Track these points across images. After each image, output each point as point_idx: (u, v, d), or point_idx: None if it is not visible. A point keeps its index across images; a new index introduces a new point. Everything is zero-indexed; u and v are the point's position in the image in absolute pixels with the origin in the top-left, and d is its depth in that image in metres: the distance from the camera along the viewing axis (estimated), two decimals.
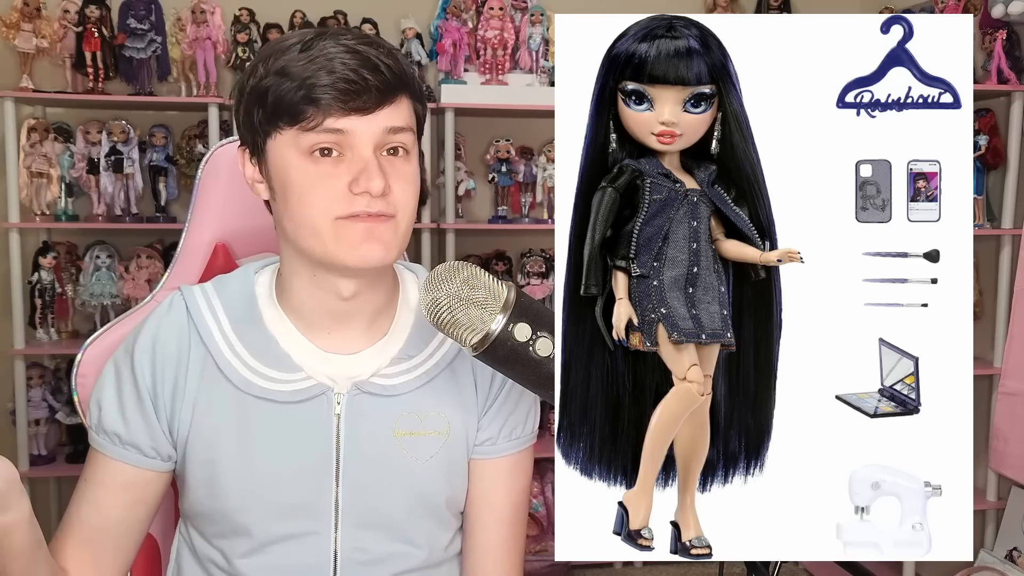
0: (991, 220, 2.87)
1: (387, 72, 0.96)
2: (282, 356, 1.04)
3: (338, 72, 0.93)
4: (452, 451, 1.08)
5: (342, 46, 0.95)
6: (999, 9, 2.67)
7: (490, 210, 3.20)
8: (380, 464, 1.04)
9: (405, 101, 0.99)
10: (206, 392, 1.03)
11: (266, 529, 1.03)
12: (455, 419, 1.08)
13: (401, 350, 1.07)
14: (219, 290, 1.07)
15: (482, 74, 3.03)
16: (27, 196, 2.80)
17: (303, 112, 0.94)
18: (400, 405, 1.05)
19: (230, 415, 1.02)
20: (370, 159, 0.96)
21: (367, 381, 1.04)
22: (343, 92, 0.94)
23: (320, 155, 0.96)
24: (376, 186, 0.94)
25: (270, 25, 3.00)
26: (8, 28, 2.74)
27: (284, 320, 1.05)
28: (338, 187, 0.95)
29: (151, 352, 1.04)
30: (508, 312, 0.87)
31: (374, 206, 0.96)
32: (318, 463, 1.03)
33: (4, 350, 2.85)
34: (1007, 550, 2.71)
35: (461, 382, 1.09)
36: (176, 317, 1.05)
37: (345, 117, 0.95)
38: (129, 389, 1.04)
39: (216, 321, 1.05)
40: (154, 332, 1.05)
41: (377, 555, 1.05)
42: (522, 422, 1.12)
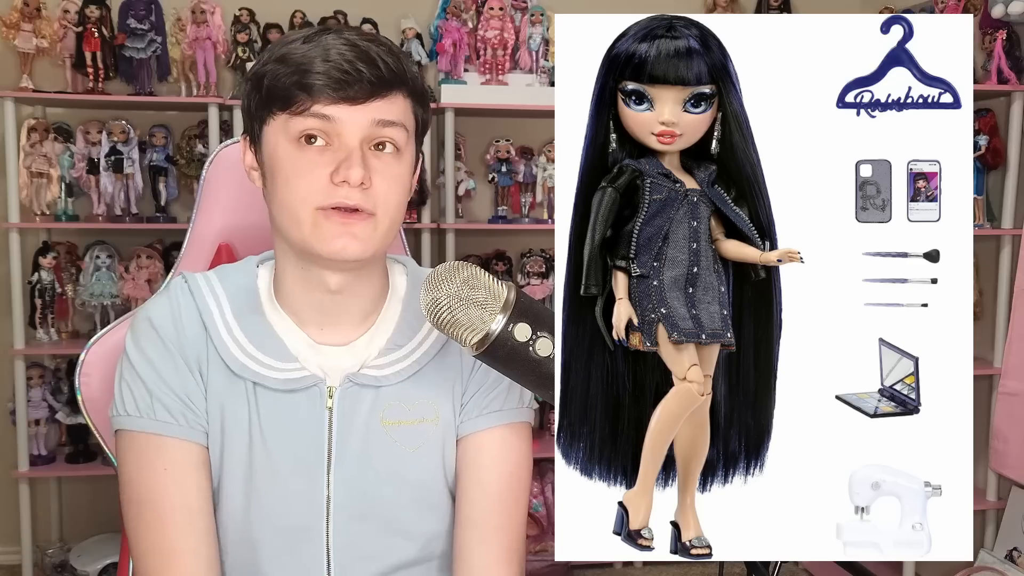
0: (991, 220, 2.87)
1: (383, 67, 0.96)
2: (278, 345, 1.04)
3: (333, 61, 0.95)
4: (443, 439, 1.08)
5: (343, 39, 0.97)
6: (999, 9, 2.67)
7: (490, 210, 3.20)
8: (371, 455, 1.04)
9: (400, 98, 0.99)
10: (213, 374, 1.03)
11: (262, 526, 1.03)
12: (444, 406, 1.08)
13: (389, 340, 1.07)
14: (222, 279, 1.08)
15: (482, 74, 3.03)
16: (27, 196, 2.80)
17: (294, 97, 0.96)
18: (390, 395, 1.05)
19: (234, 400, 1.02)
20: (354, 149, 0.96)
21: (358, 373, 1.04)
22: (335, 80, 0.94)
23: (307, 142, 0.97)
24: (354, 175, 0.94)
25: (270, 25, 3.00)
26: (8, 28, 2.74)
27: (281, 315, 1.06)
28: (321, 176, 0.96)
29: (172, 323, 1.02)
30: (508, 312, 0.87)
31: (352, 198, 0.96)
32: (311, 457, 1.03)
33: (4, 350, 2.85)
34: (1007, 550, 2.71)
35: (448, 370, 1.08)
36: (185, 298, 1.05)
37: (334, 104, 0.95)
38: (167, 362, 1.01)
39: (218, 306, 1.05)
40: (170, 307, 1.04)
41: (371, 549, 1.05)
42: (503, 395, 1.09)
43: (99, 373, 1.18)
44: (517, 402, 1.10)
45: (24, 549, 2.84)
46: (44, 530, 2.97)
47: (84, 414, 1.18)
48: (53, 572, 2.88)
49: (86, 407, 1.18)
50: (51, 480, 2.96)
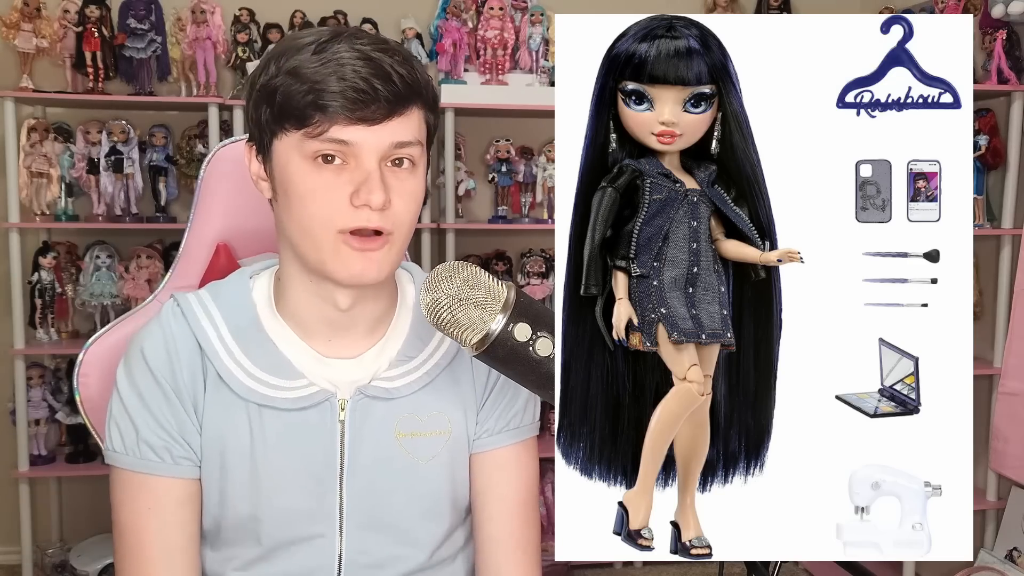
0: (991, 220, 2.87)
1: (399, 82, 0.93)
2: (283, 363, 1.03)
3: (348, 79, 0.92)
4: (454, 450, 1.08)
5: (356, 51, 0.93)
6: (999, 9, 2.67)
7: (490, 210, 3.20)
8: (383, 466, 1.04)
9: (416, 112, 0.97)
10: (211, 401, 1.02)
11: (273, 535, 1.03)
12: (456, 418, 1.08)
13: (400, 351, 1.07)
14: (215, 297, 1.05)
15: (482, 74, 3.03)
16: (27, 196, 2.80)
17: (310, 117, 0.93)
18: (402, 407, 1.05)
19: (234, 423, 1.02)
20: (373, 170, 0.94)
21: (369, 385, 1.04)
22: (351, 101, 0.92)
23: (324, 161, 0.94)
24: (376, 200, 0.93)
25: (270, 25, 2.99)
26: (8, 28, 2.73)
27: (284, 327, 1.04)
28: (340, 198, 0.94)
29: (166, 356, 1.01)
30: (508, 312, 0.87)
31: (373, 220, 0.94)
32: (323, 468, 1.03)
33: (4, 350, 2.85)
34: (1007, 550, 2.71)
35: (460, 380, 1.09)
36: (179, 324, 1.03)
37: (352, 126, 0.93)
38: (158, 397, 1.01)
39: (215, 329, 1.03)
40: (163, 337, 1.02)
41: (380, 558, 1.05)
42: (520, 412, 1.12)
43: (97, 373, 1.18)
44: (532, 418, 1.13)
45: (24, 549, 2.84)
46: (44, 530, 2.97)
47: (82, 414, 1.18)
48: (53, 572, 2.88)
49: (84, 407, 1.18)
50: (51, 480, 2.96)
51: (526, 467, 1.12)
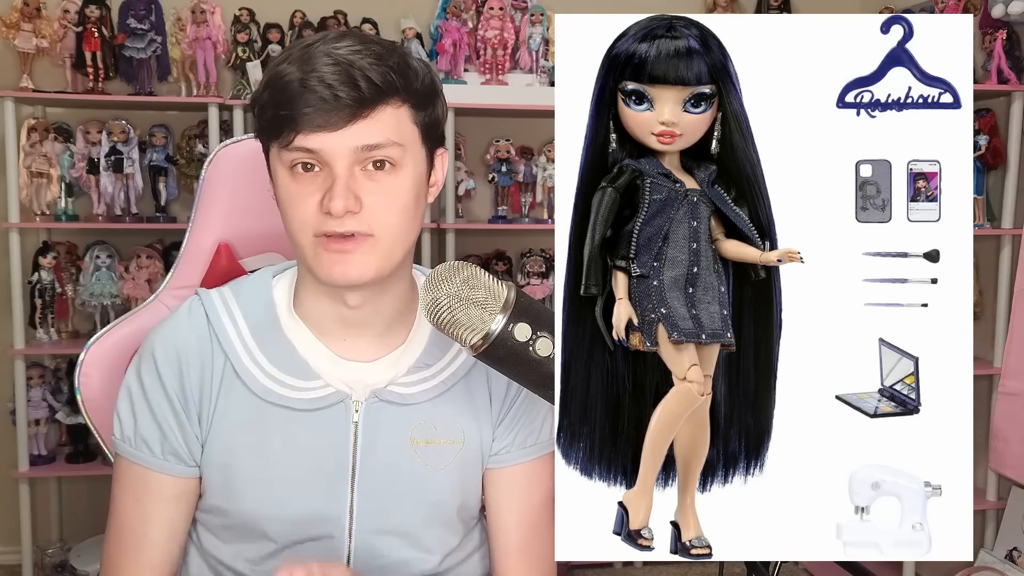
0: (991, 220, 2.87)
1: (364, 86, 0.93)
2: (300, 363, 1.04)
3: (310, 87, 0.93)
4: (466, 460, 1.08)
5: (329, 56, 0.94)
6: (999, 9, 2.67)
7: (490, 210, 3.20)
8: (395, 472, 1.05)
9: (390, 112, 0.96)
10: (225, 397, 1.03)
11: (283, 533, 1.03)
12: (470, 428, 1.08)
13: (419, 359, 1.07)
14: (237, 294, 1.07)
15: (482, 74, 3.03)
16: (27, 196, 2.80)
17: (279, 129, 0.95)
18: (417, 414, 1.05)
19: (248, 420, 1.02)
20: (339, 177, 0.95)
21: (385, 389, 1.04)
22: (314, 108, 0.93)
23: (302, 169, 0.96)
24: (336, 206, 0.93)
25: (270, 25, 2.99)
26: (8, 28, 2.74)
27: (301, 326, 1.05)
28: (312, 205, 0.96)
29: (175, 357, 1.03)
30: (508, 312, 0.87)
31: (344, 224, 0.95)
32: (335, 470, 1.03)
33: (4, 350, 2.85)
34: (1007, 550, 2.71)
35: (476, 392, 1.09)
36: (196, 322, 1.05)
37: (315, 134, 0.94)
38: (159, 397, 1.03)
39: (235, 326, 1.04)
40: (175, 337, 1.04)
41: (391, 561, 1.06)
42: (537, 429, 1.12)
43: (98, 373, 1.18)
44: (549, 434, 1.13)
45: (24, 549, 2.84)
46: (44, 530, 2.97)
47: (83, 414, 1.18)
48: (53, 572, 2.88)
49: (85, 407, 1.18)
50: (51, 480, 2.96)
51: (543, 482, 1.12)
